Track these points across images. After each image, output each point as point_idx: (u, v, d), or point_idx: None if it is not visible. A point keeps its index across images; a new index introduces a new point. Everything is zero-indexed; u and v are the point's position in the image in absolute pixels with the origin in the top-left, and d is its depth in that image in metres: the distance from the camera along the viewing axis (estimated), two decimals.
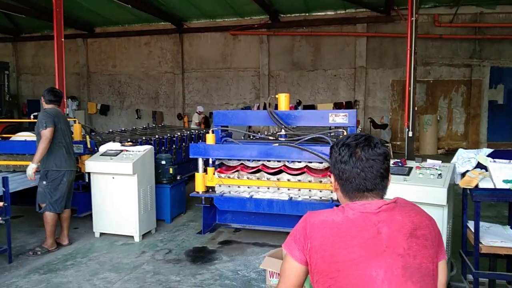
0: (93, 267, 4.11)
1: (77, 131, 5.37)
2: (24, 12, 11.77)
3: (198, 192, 4.81)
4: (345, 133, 4.37)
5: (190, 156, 4.85)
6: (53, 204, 4.40)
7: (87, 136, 5.42)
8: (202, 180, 4.76)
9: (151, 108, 14.32)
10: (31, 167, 4.26)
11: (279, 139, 4.71)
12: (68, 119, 4.96)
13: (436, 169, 3.44)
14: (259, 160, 4.65)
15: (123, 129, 8.63)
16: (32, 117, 6.07)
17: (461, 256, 3.77)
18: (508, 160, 3.45)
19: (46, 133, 4.22)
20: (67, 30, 8.61)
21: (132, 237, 4.83)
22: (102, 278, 3.86)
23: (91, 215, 5.07)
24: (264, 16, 12.76)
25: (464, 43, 11.95)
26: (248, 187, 4.67)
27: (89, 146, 5.30)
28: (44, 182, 4.38)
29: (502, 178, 3.27)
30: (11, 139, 5.80)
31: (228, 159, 4.84)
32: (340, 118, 4.45)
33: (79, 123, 5.52)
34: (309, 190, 4.43)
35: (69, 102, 12.25)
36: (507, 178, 3.26)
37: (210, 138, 4.73)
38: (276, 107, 5.02)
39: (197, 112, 12.35)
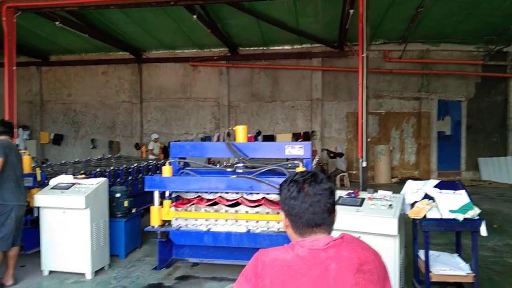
0: None
1: (26, 162, 5.13)
2: None
3: (153, 227, 4.68)
4: (300, 165, 4.46)
5: (145, 189, 4.74)
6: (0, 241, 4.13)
7: (37, 169, 5.20)
8: (158, 214, 4.65)
9: (107, 138, 13.97)
10: None
11: (237, 170, 4.73)
12: (19, 151, 4.75)
13: (387, 200, 3.57)
14: (217, 192, 4.64)
15: (77, 160, 8.34)
16: None
17: (413, 285, 3.90)
18: (453, 191, 3.66)
19: None
20: (19, 57, 8.39)
21: (84, 274, 4.60)
22: None
23: (39, 251, 4.80)
24: (223, 49, 13.02)
25: (413, 77, 12.71)
26: (206, 220, 4.62)
27: (39, 178, 5.07)
28: None
29: (448, 208, 3.46)
30: None
31: (185, 192, 4.78)
32: (296, 150, 4.56)
33: (29, 154, 5.28)
34: (267, 222, 4.45)
35: (20, 131, 11.70)
36: (452, 208, 3.45)
37: (166, 170, 4.67)
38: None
39: (152, 141, 12.19)
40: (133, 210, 5.64)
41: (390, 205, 3.47)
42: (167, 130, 13.77)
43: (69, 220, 4.54)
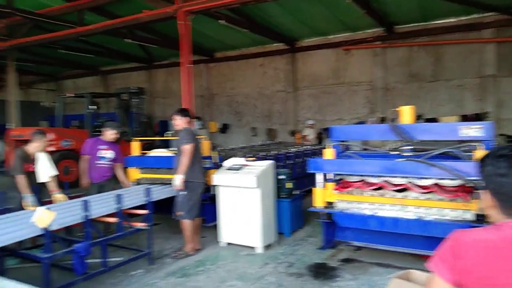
0: (221, 274, 4.38)
1: (206, 147, 5.84)
2: (156, 43, 13.33)
3: (317, 208, 4.82)
4: (479, 148, 3.98)
5: (309, 171, 4.89)
6: (189, 212, 4.86)
7: (215, 152, 5.87)
8: (322, 195, 4.77)
9: (265, 126, 14.86)
10: (179, 178, 4.77)
11: (403, 154, 4.50)
12: (197, 137, 5.45)
13: None
14: (381, 176, 4.49)
15: (242, 145, 9.10)
16: (170, 135, 6.75)
17: None
18: None
19: (188, 148, 4.72)
20: (191, 56, 9.59)
21: (255, 248, 5.03)
22: (229, 286, 4.09)
23: (216, 225, 5.43)
24: (378, 29, 12.40)
25: None
26: (370, 204, 4.53)
27: (216, 161, 5.72)
28: (184, 193, 4.87)
29: None
30: (148, 155, 6.55)
31: (348, 175, 4.77)
32: (473, 131, 4.08)
33: (209, 140, 6.00)
34: (439, 210, 4.12)
35: (195, 121, 13.38)
36: None
37: (329, 153, 4.73)
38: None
39: (307, 127, 12.41)
40: (295, 192, 5.90)
41: None
42: (320, 116, 13.90)
43: (242, 197, 5.02)
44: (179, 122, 5.00)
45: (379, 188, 4.50)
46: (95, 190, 5.57)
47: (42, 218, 3.62)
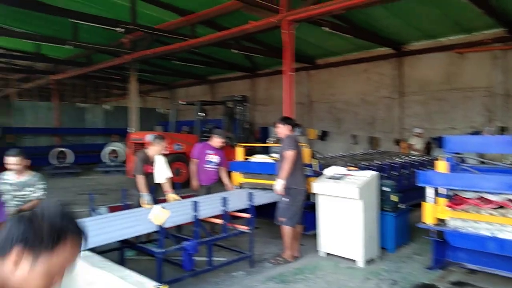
0: (320, 285, 4.32)
1: (307, 154, 5.84)
2: (261, 52, 13.76)
3: (426, 224, 4.49)
4: None
5: (418, 184, 4.59)
6: (291, 219, 4.91)
7: (315, 160, 5.84)
8: (432, 211, 4.43)
9: (367, 134, 14.35)
10: (280, 183, 4.88)
11: None
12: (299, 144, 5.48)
13: None
14: (503, 194, 4.01)
15: (342, 154, 8.91)
16: (271, 141, 6.91)
17: None
18: None
19: (290, 154, 4.80)
20: (293, 64, 9.69)
21: (356, 261, 4.87)
22: None
23: (315, 234, 5.38)
24: (497, 30, 11.17)
25: None
26: (489, 224, 4.08)
27: (316, 169, 5.69)
28: (286, 199, 4.94)
29: None
30: (250, 160, 6.78)
31: (463, 190, 4.36)
32: None
33: (309, 147, 6.01)
34: None
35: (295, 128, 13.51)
36: None
37: (441, 166, 4.38)
38: None
39: (414, 135, 11.65)
40: (401, 206, 5.57)
41: None
42: (428, 124, 12.95)
43: (343, 208, 4.90)
44: (282, 130, 5.09)
45: (500, 207, 4.03)
46: (204, 192, 5.95)
47: (158, 216, 3.97)
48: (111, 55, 14.33)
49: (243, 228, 4.75)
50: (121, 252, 4.59)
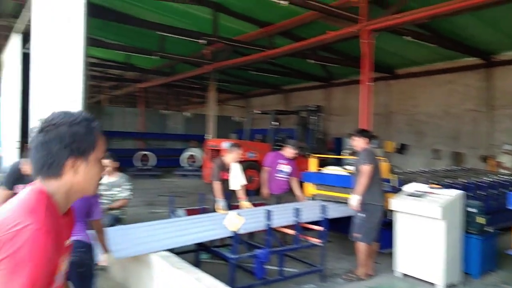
0: None
1: (385, 169, 5.63)
2: (337, 62, 13.59)
3: None
4: None
5: (509, 207, 4.20)
6: (366, 235, 4.76)
7: (394, 175, 5.61)
8: None
9: (449, 149, 13.44)
10: (356, 198, 4.77)
11: None
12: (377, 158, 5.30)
13: None
14: None
15: (423, 169, 8.44)
16: (347, 153, 6.79)
17: None
18: None
19: (367, 169, 4.67)
20: (371, 74, 9.38)
21: (435, 285, 4.57)
22: None
23: (391, 252, 5.15)
24: None
25: None
26: None
27: (395, 184, 5.46)
28: (362, 215, 4.81)
29: None
30: (323, 171, 6.69)
31: None
32: None
33: (388, 162, 5.79)
34: None
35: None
36: None
37: None
38: None
39: (504, 151, 10.66)
40: (488, 228, 5.13)
41: None
42: None
43: (423, 228, 4.64)
44: (358, 143, 4.97)
45: None
46: (274, 201, 6.00)
47: (233, 222, 4.08)
48: (193, 65, 15.09)
49: (315, 240, 4.70)
50: (196, 254, 4.78)
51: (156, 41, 12.55)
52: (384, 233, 5.48)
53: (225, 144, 7.21)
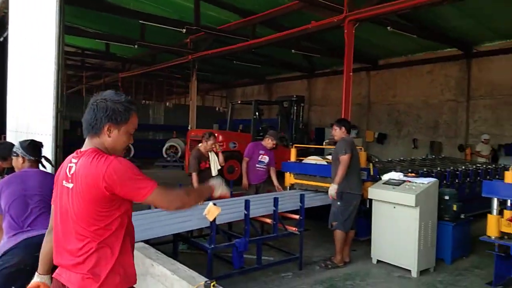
0: None
1: (363, 158, 5.70)
2: (320, 52, 13.60)
3: (490, 237, 4.21)
4: None
5: (483, 195, 4.31)
6: (343, 223, 4.83)
7: (371, 164, 5.68)
8: (497, 224, 4.14)
9: (428, 138, 13.67)
10: (333, 187, 4.82)
11: None
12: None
13: None
14: None
15: (401, 158, 8.58)
16: (327, 143, 6.84)
17: None
18: None
19: (345, 158, 4.72)
20: (352, 64, 9.40)
21: (409, 271, 4.68)
22: None
23: (369, 240, 5.24)
24: None
25: None
26: None
27: (372, 173, 5.53)
28: (339, 203, 4.87)
29: None
30: (303, 161, 6.73)
31: None
32: None
33: (365, 151, 5.86)
34: None
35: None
36: None
37: (510, 176, 4.08)
38: None
39: (482, 141, 10.93)
40: (461, 216, 5.26)
41: None
42: (497, 131, 12.06)
43: (399, 215, 4.72)
44: (338, 133, 5.01)
45: None
46: (253, 191, 6.02)
47: (211, 212, 4.07)
48: (174, 54, 14.89)
49: (292, 229, 4.74)
50: (174, 245, 4.77)
51: (136, 29, 12.30)
52: (361, 221, 5.58)
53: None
